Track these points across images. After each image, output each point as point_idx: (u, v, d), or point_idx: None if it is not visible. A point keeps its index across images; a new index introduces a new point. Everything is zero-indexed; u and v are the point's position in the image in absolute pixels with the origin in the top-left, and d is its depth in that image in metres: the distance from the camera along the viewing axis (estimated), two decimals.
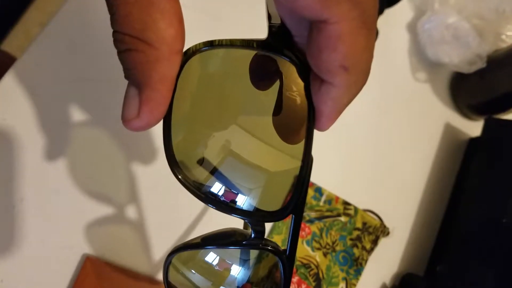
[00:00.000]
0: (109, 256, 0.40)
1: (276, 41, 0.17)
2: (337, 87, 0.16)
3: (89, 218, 0.40)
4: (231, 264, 0.25)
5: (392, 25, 0.60)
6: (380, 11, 0.56)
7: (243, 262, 0.25)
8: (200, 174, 0.19)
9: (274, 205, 0.19)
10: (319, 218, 0.49)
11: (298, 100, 0.18)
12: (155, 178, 0.43)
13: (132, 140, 0.43)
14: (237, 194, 0.19)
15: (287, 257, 0.20)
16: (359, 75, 0.16)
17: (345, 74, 0.16)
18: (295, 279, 0.46)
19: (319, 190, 0.50)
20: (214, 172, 0.19)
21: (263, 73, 0.19)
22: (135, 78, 0.16)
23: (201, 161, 0.19)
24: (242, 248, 0.23)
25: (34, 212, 0.39)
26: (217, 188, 0.19)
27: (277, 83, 0.18)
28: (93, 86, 0.42)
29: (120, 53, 0.16)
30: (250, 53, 0.18)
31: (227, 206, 0.19)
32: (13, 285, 0.37)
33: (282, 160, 0.19)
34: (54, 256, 0.39)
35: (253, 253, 0.26)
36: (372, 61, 0.17)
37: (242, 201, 0.19)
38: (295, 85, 0.18)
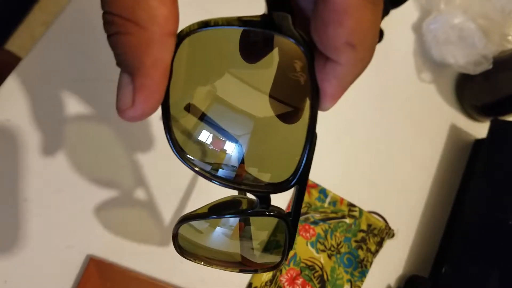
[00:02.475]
0: (113, 257, 0.40)
1: (277, 19, 0.16)
2: (342, 65, 0.16)
3: (93, 218, 0.40)
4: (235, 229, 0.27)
5: (398, 25, 0.60)
6: (386, 12, 0.56)
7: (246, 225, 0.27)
8: (207, 155, 0.19)
9: (279, 177, 0.19)
10: (324, 220, 0.48)
11: (299, 79, 0.18)
12: (160, 177, 0.43)
13: (136, 137, 0.43)
14: (245, 170, 0.19)
15: (291, 220, 0.21)
16: (365, 52, 0.16)
17: (352, 52, 0.15)
18: (299, 281, 0.46)
19: (323, 192, 0.49)
20: (222, 152, 0.19)
21: (255, 46, 0.18)
22: (127, 64, 0.15)
23: (206, 143, 0.19)
24: (250, 216, 0.25)
25: (38, 212, 0.39)
26: (226, 167, 0.19)
27: (276, 62, 0.18)
28: (96, 86, 0.42)
29: (110, 37, 0.15)
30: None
31: (236, 182, 0.19)
32: (17, 286, 0.37)
33: (287, 137, 0.19)
34: (57, 257, 0.39)
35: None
36: (377, 38, 0.16)
37: (249, 176, 0.20)
38: (297, 64, 0.17)
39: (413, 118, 0.58)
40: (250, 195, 0.22)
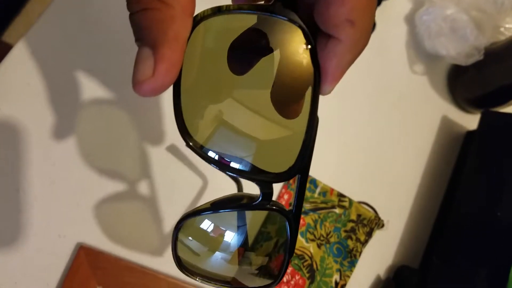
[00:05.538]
0: (103, 246, 0.41)
1: (283, 4, 0.18)
2: (342, 42, 0.17)
3: (83, 207, 0.41)
4: (236, 227, 0.27)
5: (390, 17, 0.60)
6: (378, 3, 0.56)
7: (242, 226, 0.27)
8: (211, 140, 0.19)
9: (282, 167, 0.20)
10: (314, 210, 0.49)
11: (300, 67, 0.18)
12: (150, 170, 0.43)
13: (127, 130, 0.43)
14: (247, 158, 0.20)
15: (293, 216, 0.22)
16: (363, 32, 0.17)
17: (351, 28, 0.17)
18: (289, 270, 0.46)
19: (313, 182, 0.50)
20: (225, 138, 0.19)
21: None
22: (150, 37, 0.16)
23: (211, 128, 0.19)
24: (252, 210, 0.25)
25: (29, 202, 0.39)
26: (229, 153, 0.19)
27: (277, 52, 0.19)
28: (87, 76, 0.42)
29: (134, 14, 0.16)
30: (254, 20, 0.18)
31: (238, 170, 0.19)
32: (7, 275, 0.38)
33: (289, 123, 0.20)
34: (48, 246, 0.39)
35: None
36: (373, 20, 0.18)
37: (251, 164, 0.20)
38: (299, 49, 0.18)
39: (405, 110, 0.59)
40: (250, 192, 0.23)
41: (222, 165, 0.19)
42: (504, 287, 0.46)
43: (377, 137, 0.56)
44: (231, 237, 0.27)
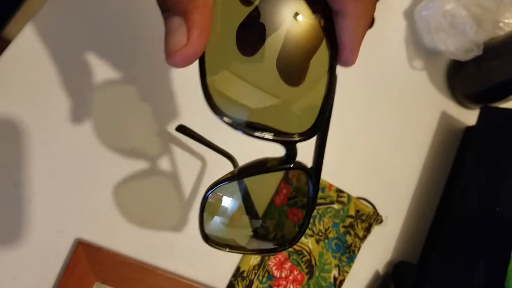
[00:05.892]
0: (101, 241, 0.41)
1: None
2: (350, 17, 0.18)
3: (82, 203, 0.41)
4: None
5: (389, 12, 0.60)
6: None
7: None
8: (237, 109, 0.20)
9: (305, 127, 0.21)
10: None
11: (318, 29, 0.19)
12: (149, 167, 0.43)
13: (125, 127, 0.43)
14: (270, 122, 0.20)
15: (315, 171, 0.24)
16: (367, 2, 0.18)
17: (353, 1, 0.18)
18: (287, 265, 0.46)
19: None
20: (250, 105, 0.20)
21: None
22: (180, 4, 0.16)
23: (236, 96, 0.20)
24: (277, 171, 0.26)
25: (27, 196, 0.39)
26: (252, 118, 0.20)
27: (292, 21, 0.19)
28: (85, 71, 0.42)
29: None
30: None
31: (263, 132, 0.20)
32: (6, 270, 0.38)
33: (308, 86, 0.21)
34: (46, 241, 0.39)
35: None
36: None
37: (275, 128, 0.21)
38: (314, 15, 0.19)
39: (404, 106, 0.58)
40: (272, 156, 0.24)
41: (249, 131, 0.20)
42: (502, 282, 0.46)
43: (376, 133, 0.56)
44: (252, 206, 0.29)
